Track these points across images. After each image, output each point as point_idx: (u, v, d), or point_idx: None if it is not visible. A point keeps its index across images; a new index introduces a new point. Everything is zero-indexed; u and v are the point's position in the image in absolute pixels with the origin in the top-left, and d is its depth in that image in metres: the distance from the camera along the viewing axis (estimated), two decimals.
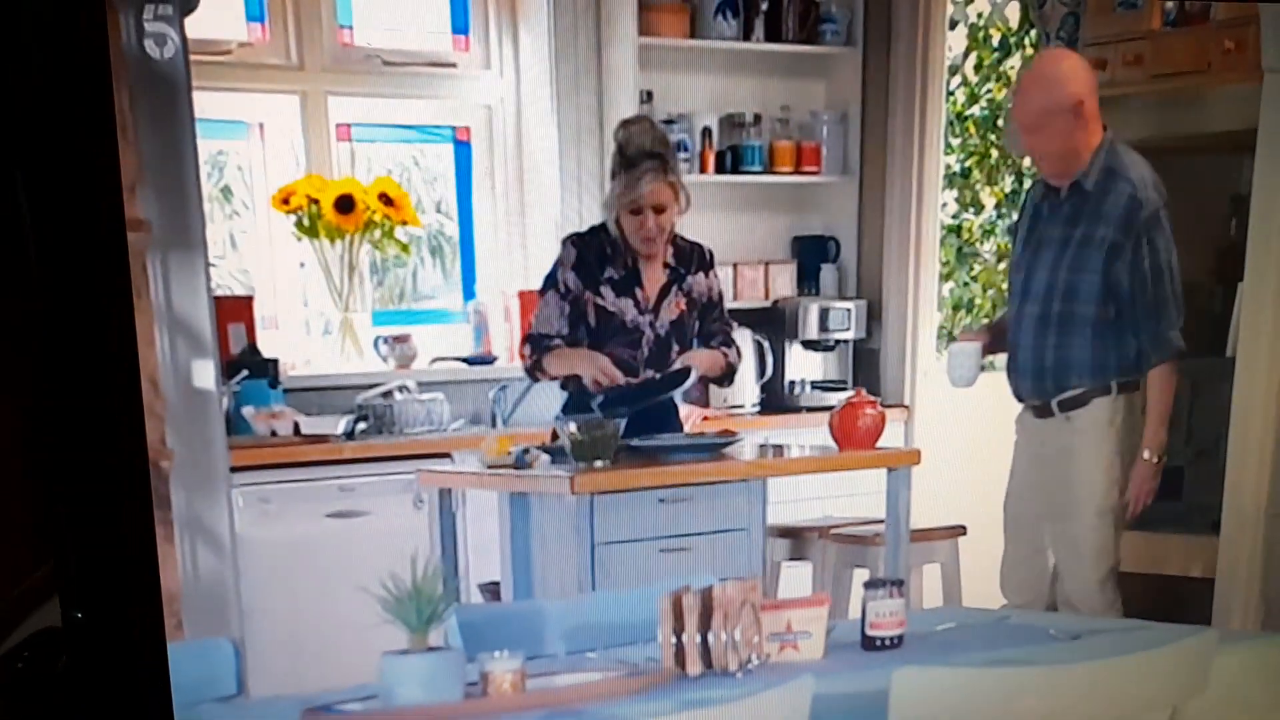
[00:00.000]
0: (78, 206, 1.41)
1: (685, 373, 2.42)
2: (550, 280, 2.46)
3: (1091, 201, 2.40)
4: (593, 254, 2.45)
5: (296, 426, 2.45)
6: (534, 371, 2.45)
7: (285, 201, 2.61)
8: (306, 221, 2.60)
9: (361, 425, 2.52)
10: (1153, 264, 2.39)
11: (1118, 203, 2.37)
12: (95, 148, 1.40)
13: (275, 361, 2.51)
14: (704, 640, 1.67)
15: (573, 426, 2.25)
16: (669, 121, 3.02)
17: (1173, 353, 2.42)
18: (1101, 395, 2.44)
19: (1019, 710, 1.54)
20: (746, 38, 3.09)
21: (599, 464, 2.24)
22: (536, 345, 2.44)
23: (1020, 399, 2.52)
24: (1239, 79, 2.56)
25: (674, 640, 1.66)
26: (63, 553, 1.47)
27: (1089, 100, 2.38)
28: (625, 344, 2.46)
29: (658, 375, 2.43)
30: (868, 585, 1.82)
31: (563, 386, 2.45)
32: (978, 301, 3.59)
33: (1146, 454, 2.44)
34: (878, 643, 1.79)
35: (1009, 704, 1.54)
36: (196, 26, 1.46)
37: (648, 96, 3.01)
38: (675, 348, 2.48)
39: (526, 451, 2.28)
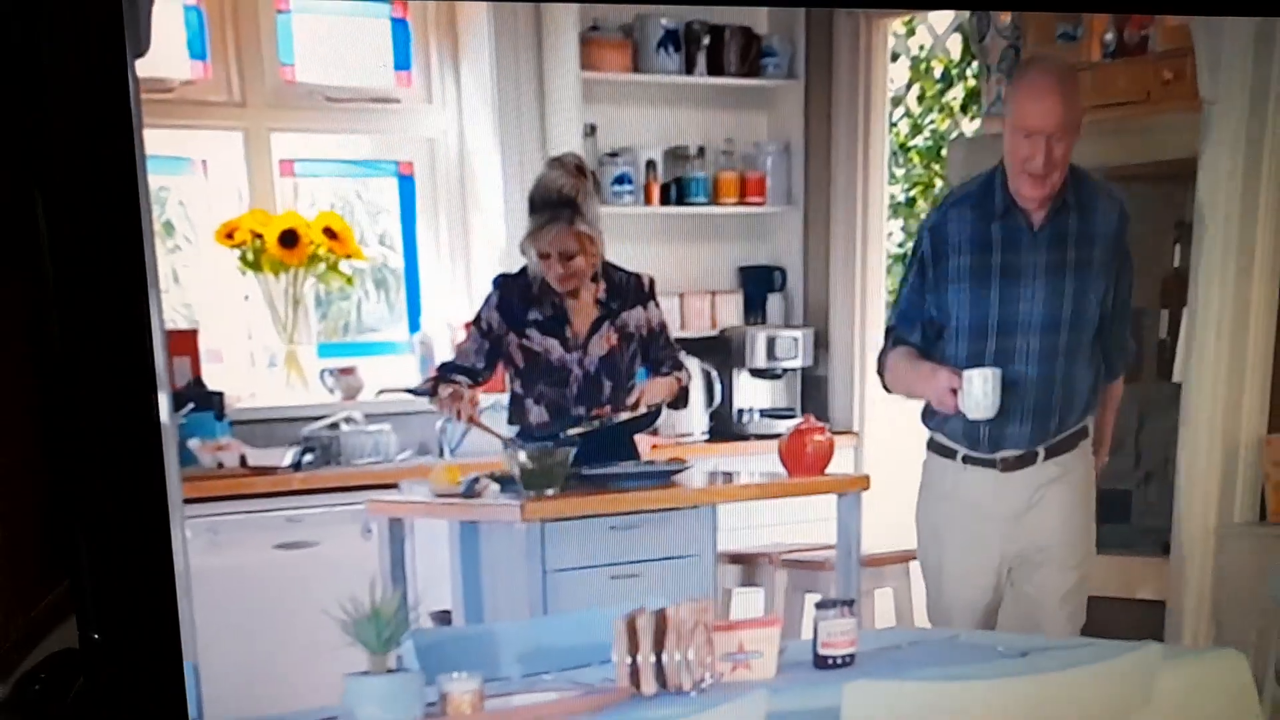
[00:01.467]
0: (97, 228, 1.45)
1: (655, 413, 2.52)
2: (475, 317, 2.57)
3: (1079, 220, 2.33)
4: (518, 295, 2.54)
5: (243, 458, 2.50)
6: (431, 398, 2.56)
7: (229, 236, 2.67)
8: (251, 256, 2.67)
9: (308, 457, 2.57)
10: (1128, 280, 2.39)
11: (1109, 219, 2.33)
12: (114, 165, 1.45)
13: (221, 394, 2.56)
14: (658, 660, 1.75)
15: (523, 455, 2.33)
16: (613, 155, 3.13)
17: (1133, 359, 2.48)
18: (1084, 436, 2.39)
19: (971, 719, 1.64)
20: (689, 71, 3.20)
21: (549, 492, 2.32)
22: (442, 373, 2.56)
23: (982, 449, 2.36)
24: (1178, 108, 2.70)
25: (629, 660, 1.75)
26: (79, 573, 1.51)
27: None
28: (553, 383, 2.54)
29: (625, 417, 2.52)
30: (819, 605, 1.92)
31: (509, 421, 2.54)
32: None
33: (1099, 464, 2.42)
34: (830, 661, 1.89)
35: (958, 717, 1.64)
36: (141, 65, 1.53)
37: (591, 130, 3.11)
38: (608, 383, 2.56)
39: (476, 480, 2.35)
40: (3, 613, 1.53)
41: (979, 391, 2.29)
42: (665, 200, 3.19)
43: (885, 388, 2.50)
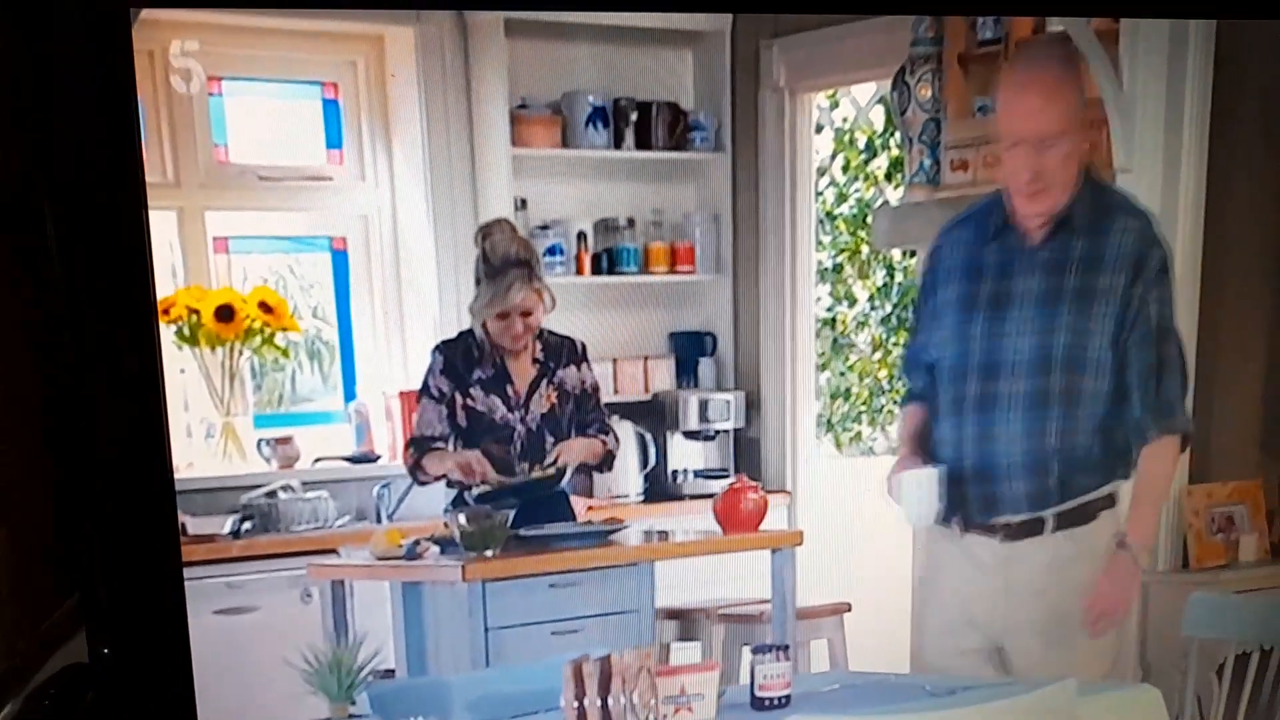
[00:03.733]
0: (104, 242, 1.60)
1: (559, 475, 2.73)
2: (424, 388, 2.78)
3: (1085, 242, 2.18)
4: (460, 358, 2.78)
5: (183, 527, 2.63)
6: (415, 471, 2.74)
7: (165, 312, 2.83)
8: (187, 331, 2.83)
9: (247, 524, 2.72)
10: (1160, 317, 2.18)
11: (1125, 241, 2.16)
12: (120, 178, 1.60)
13: None
14: (604, 704, 1.94)
15: (462, 518, 2.52)
16: (544, 227, 3.34)
17: (1180, 427, 2.23)
18: (1108, 507, 2.22)
19: None
20: (617, 146, 3.42)
21: (489, 553, 2.51)
22: (418, 447, 2.75)
23: (973, 518, 2.24)
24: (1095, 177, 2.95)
25: (576, 704, 1.93)
26: (90, 588, 1.61)
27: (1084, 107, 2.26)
28: (497, 440, 2.76)
29: (533, 476, 2.73)
30: (755, 650, 2.11)
31: (448, 484, 2.73)
32: (854, 390, 3.97)
33: (1132, 547, 2.22)
34: (766, 703, 2.08)
35: None
36: None
37: (522, 204, 3.32)
38: (549, 439, 2.78)
39: (417, 543, 2.53)
40: (13, 627, 1.61)
41: (911, 497, 2.19)
42: (596, 270, 3.40)
43: None
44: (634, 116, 3.45)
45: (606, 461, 2.85)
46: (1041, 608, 2.25)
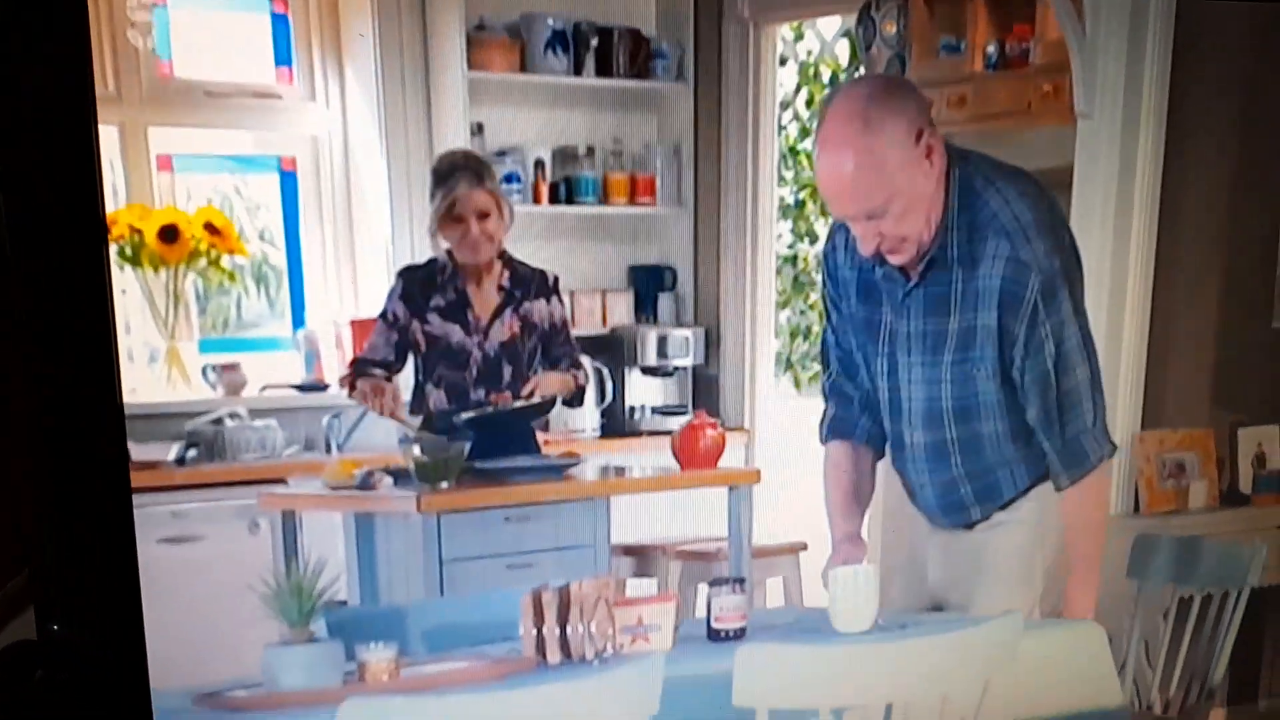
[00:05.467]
0: (55, 222, 1.59)
1: (549, 404, 2.79)
2: (382, 310, 2.84)
3: (960, 275, 2.01)
4: (422, 283, 2.83)
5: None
6: (350, 393, 2.82)
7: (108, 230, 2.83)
8: (129, 251, 2.84)
9: (192, 452, 2.76)
10: (1058, 349, 2.01)
11: (995, 270, 1.98)
12: (75, 163, 1.60)
13: None
14: (563, 632, 2.01)
15: (417, 449, 2.57)
16: (501, 154, 3.37)
17: (1091, 464, 2.09)
18: (1043, 482, 2.14)
19: (851, 682, 1.93)
20: (577, 72, 3.45)
21: (443, 485, 2.57)
22: (357, 367, 2.83)
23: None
24: (1057, 121, 2.96)
25: (534, 632, 2.00)
26: (40, 563, 1.60)
27: (926, 128, 1.96)
28: (453, 366, 2.82)
29: (519, 404, 2.79)
30: (711, 583, 2.19)
31: (411, 411, 2.79)
32: (814, 328, 4.05)
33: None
34: (722, 634, 2.16)
35: (841, 677, 1.93)
36: None
37: (478, 129, 3.35)
38: (508, 369, 2.84)
39: (371, 474, 2.58)
40: None
41: (840, 594, 2.04)
42: (555, 199, 3.44)
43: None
44: (595, 42, 3.47)
45: (578, 396, 2.92)
46: (984, 565, 2.25)
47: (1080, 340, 2.05)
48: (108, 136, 2.97)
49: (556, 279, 2.93)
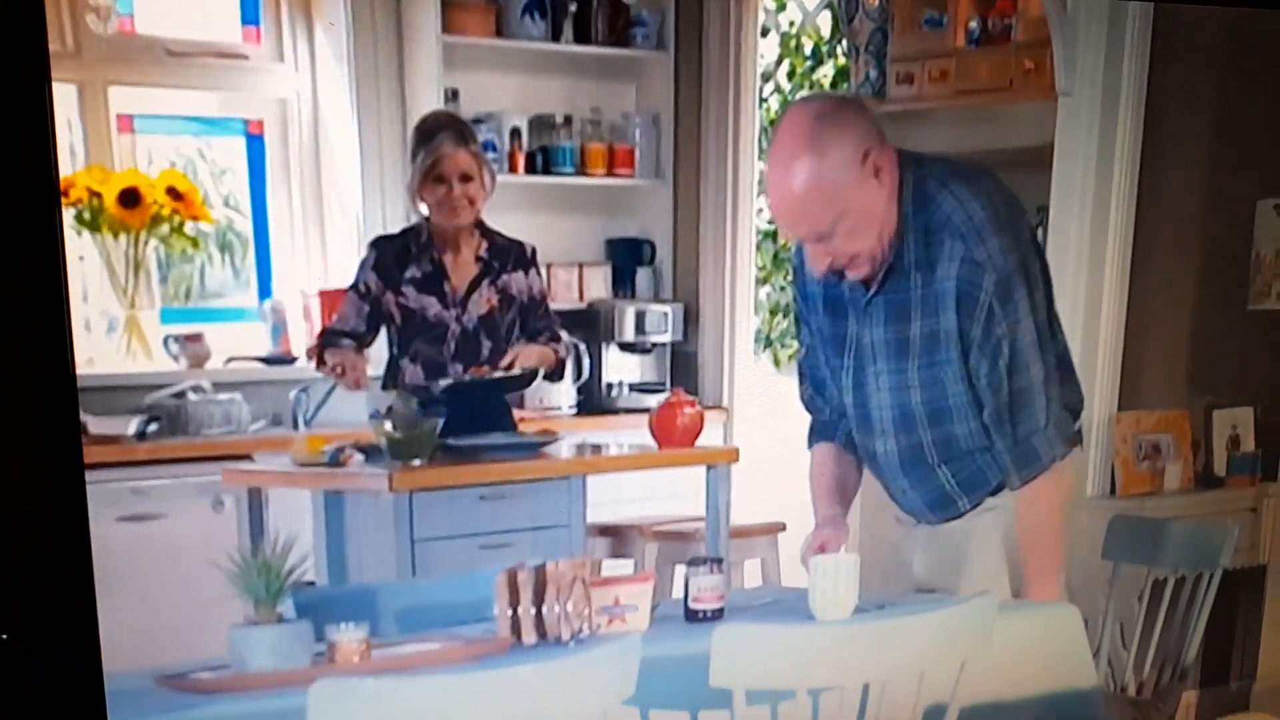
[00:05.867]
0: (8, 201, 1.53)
1: (530, 376, 2.75)
2: (353, 281, 2.78)
3: (918, 280, 2.03)
4: (396, 254, 2.77)
5: (84, 426, 2.59)
6: (318, 364, 2.76)
7: (64, 194, 2.76)
8: (87, 215, 2.77)
9: (153, 426, 2.69)
10: (1012, 348, 2.02)
11: (950, 273, 2.00)
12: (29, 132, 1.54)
13: None
14: (538, 612, 1.99)
15: (389, 425, 2.53)
16: (477, 121, 3.31)
17: (1043, 464, 2.09)
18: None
19: (829, 663, 1.93)
20: (555, 38, 3.41)
21: (416, 462, 2.52)
22: (326, 337, 2.77)
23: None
24: (1038, 97, 2.97)
25: (510, 612, 1.97)
26: None
27: (875, 147, 1.97)
28: (430, 340, 2.77)
29: (499, 375, 2.75)
30: (689, 563, 2.17)
31: (383, 386, 2.74)
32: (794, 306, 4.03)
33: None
34: (700, 615, 2.15)
35: (819, 658, 1.93)
36: None
37: (453, 95, 3.30)
38: (486, 343, 2.79)
39: (341, 450, 2.53)
40: None
41: (820, 583, 2.04)
42: (531, 169, 3.40)
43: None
44: (573, 8, 3.43)
45: (558, 370, 2.89)
46: (971, 550, 2.25)
47: (1035, 339, 2.05)
48: (66, 95, 2.90)
49: (535, 250, 2.88)
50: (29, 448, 1.61)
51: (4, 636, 1.58)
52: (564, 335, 2.93)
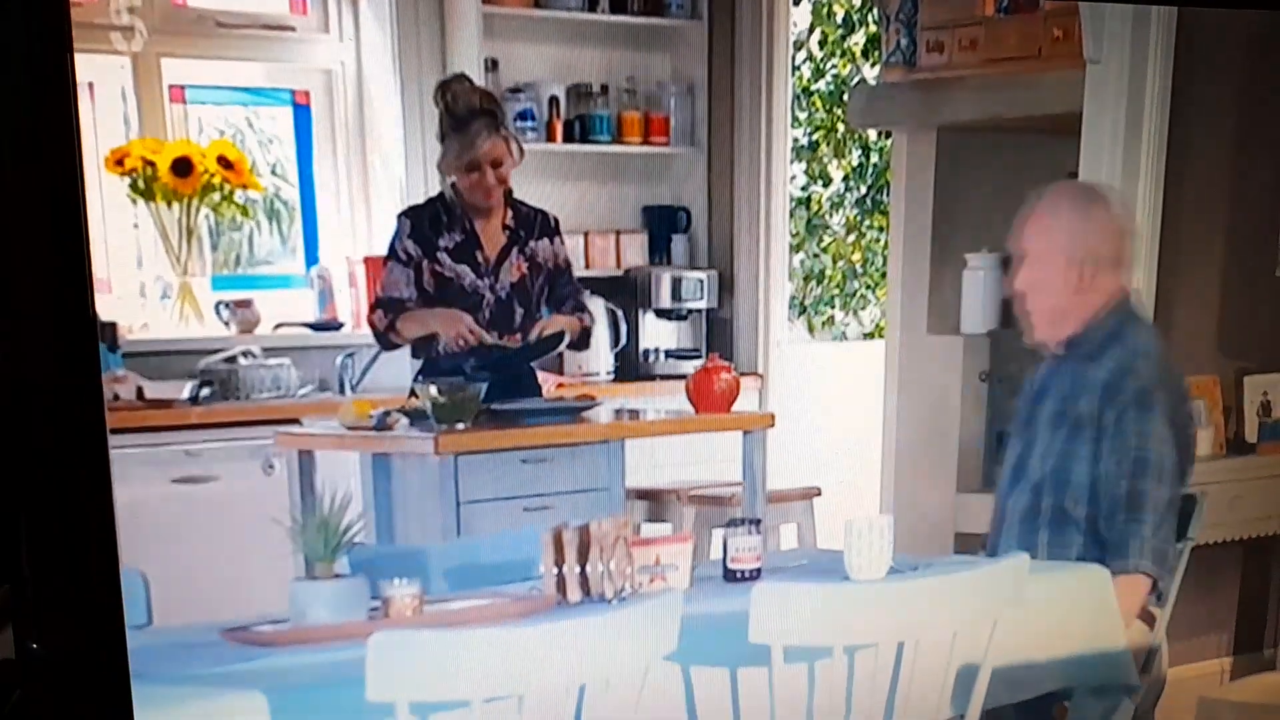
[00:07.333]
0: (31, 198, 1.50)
1: (559, 337, 2.81)
2: (391, 251, 2.83)
3: (1088, 370, 2.38)
4: (427, 223, 2.82)
5: (140, 391, 2.68)
6: (387, 333, 2.78)
7: (119, 163, 2.82)
8: (141, 184, 2.84)
9: (206, 390, 2.76)
10: (1139, 450, 2.33)
11: (1103, 368, 2.36)
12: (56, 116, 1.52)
13: (113, 325, 2.72)
14: (582, 571, 2.07)
15: (434, 389, 2.60)
16: (515, 90, 3.37)
17: (1129, 569, 2.33)
18: None
19: (864, 621, 2.00)
20: (592, 9, 3.45)
21: (460, 426, 2.60)
22: (389, 308, 2.79)
23: None
24: (1066, 65, 2.98)
25: (555, 571, 2.06)
26: (18, 578, 1.54)
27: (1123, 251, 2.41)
28: (465, 308, 2.82)
29: (530, 340, 2.80)
30: (728, 524, 2.26)
31: (414, 354, 2.80)
32: (828, 273, 4.08)
33: None
34: (738, 575, 2.23)
35: (854, 616, 2.00)
36: None
37: (493, 65, 3.34)
38: (519, 310, 2.85)
39: (387, 414, 2.61)
40: None
41: (856, 544, 2.17)
42: (569, 138, 3.45)
43: None
44: None
45: (583, 338, 2.94)
46: None
47: (1155, 458, 2.33)
48: (120, 67, 2.95)
49: (557, 220, 2.93)
50: (62, 481, 1.57)
51: (34, 646, 1.58)
52: (597, 303, 2.97)
